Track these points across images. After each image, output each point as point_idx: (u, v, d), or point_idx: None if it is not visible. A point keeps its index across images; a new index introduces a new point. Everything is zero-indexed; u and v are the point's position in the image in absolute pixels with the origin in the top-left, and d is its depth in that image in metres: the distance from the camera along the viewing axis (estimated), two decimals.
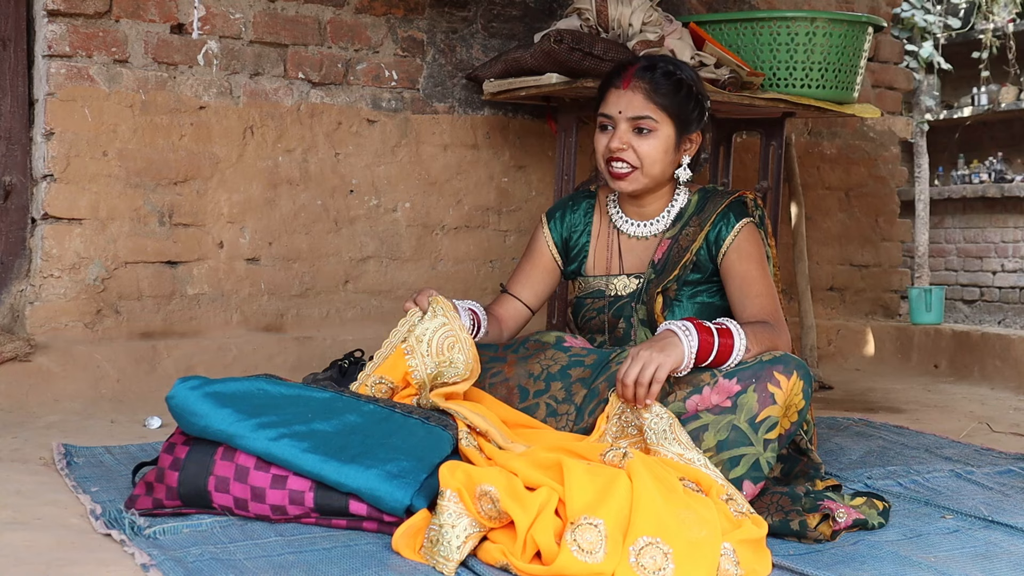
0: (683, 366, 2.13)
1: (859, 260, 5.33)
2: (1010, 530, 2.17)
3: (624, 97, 2.40)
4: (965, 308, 8.89)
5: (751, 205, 2.50)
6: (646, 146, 2.39)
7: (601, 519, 1.77)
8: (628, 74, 2.42)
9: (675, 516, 1.82)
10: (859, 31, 3.76)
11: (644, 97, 2.39)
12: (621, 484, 1.85)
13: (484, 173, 4.18)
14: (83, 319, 3.47)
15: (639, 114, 2.39)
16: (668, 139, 2.41)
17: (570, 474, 1.87)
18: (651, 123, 2.39)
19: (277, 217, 3.79)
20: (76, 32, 3.41)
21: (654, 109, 2.39)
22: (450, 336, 2.29)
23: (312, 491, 2.01)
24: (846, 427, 3.30)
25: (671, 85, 2.40)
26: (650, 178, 2.42)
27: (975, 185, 9.19)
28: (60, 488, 2.30)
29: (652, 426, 2.07)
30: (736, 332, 2.18)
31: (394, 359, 2.31)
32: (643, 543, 1.76)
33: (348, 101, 3.90)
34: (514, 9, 4.20)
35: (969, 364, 4.58)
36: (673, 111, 2.40)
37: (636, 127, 2.39)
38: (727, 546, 1.82)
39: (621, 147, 2.39)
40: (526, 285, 2.61)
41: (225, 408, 2.04)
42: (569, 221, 2.60)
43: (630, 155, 2.39)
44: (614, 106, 2.41)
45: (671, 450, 2.04)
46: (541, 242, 2.61)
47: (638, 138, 2.39)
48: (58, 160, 3.41)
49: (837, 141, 5.23)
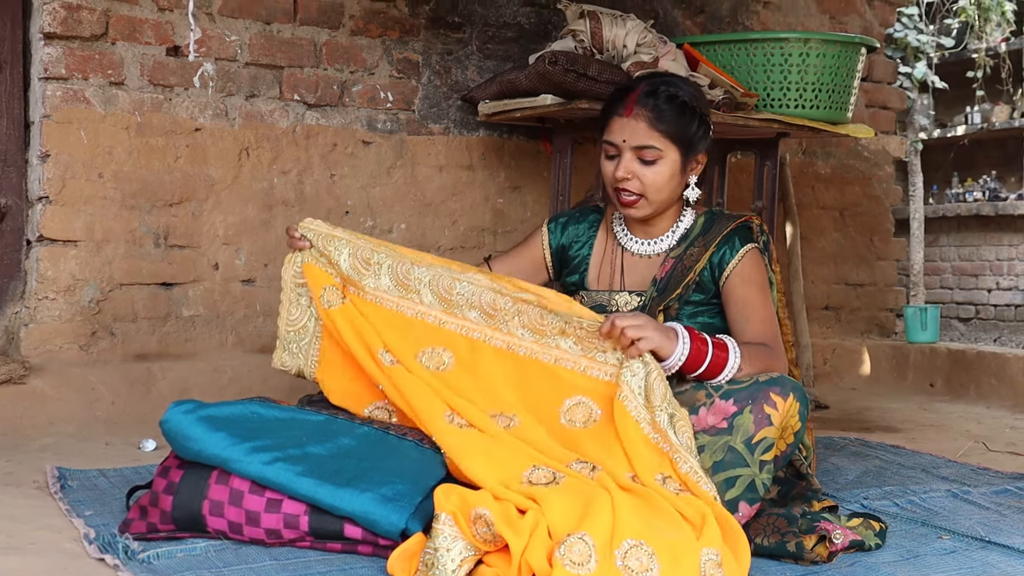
0: (670, 362, 2.14)
1: (854, 279, 5.34)
2: (1007, 551, 2.17)
3: (628, 126, 2.37)
4: (960, 326, 8.90)
5: (756, 231, 2.49)
6: (651, 174, 2.37)
7: (586, 531, 1.80)
8: (630, 101, 2.37)
9: (652, 521, 1.86)
10: (852, 52, 3.78)
11: (647, 125, 2.35)
12: (601, 498, 1.89)
13: (479, 194, 4.19)
14: (78, 341, 3.47)
15: (643, 143, 2.36)
16: (674, 164, 2.39)
17: (545, 503, 1.89)
18: (655, 152, 2.36)
19: (272, 239, 3.79)
20: (72, 55, 3.42)
21: (658, 137, 2.36)
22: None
23: (307, 515, 2.00)
24: (842, 447, 3.29)
25: (675, 110, 2.37)
26: (657, 203, 2.42)
27: (969, 203, 9.21)
28: (54, 512, 2.29)
29: (627, 380, 2.09)
30: (732, 348, 2.20)
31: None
32: (627, 546, 1.80)
33: (343, 123, 3.91)
34: (509, 31, 4.22)
35: (965, 383, 4.58)
36: (678, 136, 2.37)
37: (640, 157, 2.37)
38: (713, 552, 1.84)
39: (626, 176, 2.37)
40: (506, 265, 2.62)
41: (219, 432, 2.04)
42: (572, 231, 2.60)
43: (635, 184, 2.38)
44: (618, 134, 2.38)
45: (640, 415, 2.05)
46: (537, 240, 2.63)
47: (643, 167, 2.37)
48: (53, 182, 3.41)
49: (831, 161, 5.25)
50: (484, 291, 2.28)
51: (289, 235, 2.48)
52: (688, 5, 4.68)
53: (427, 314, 2.33)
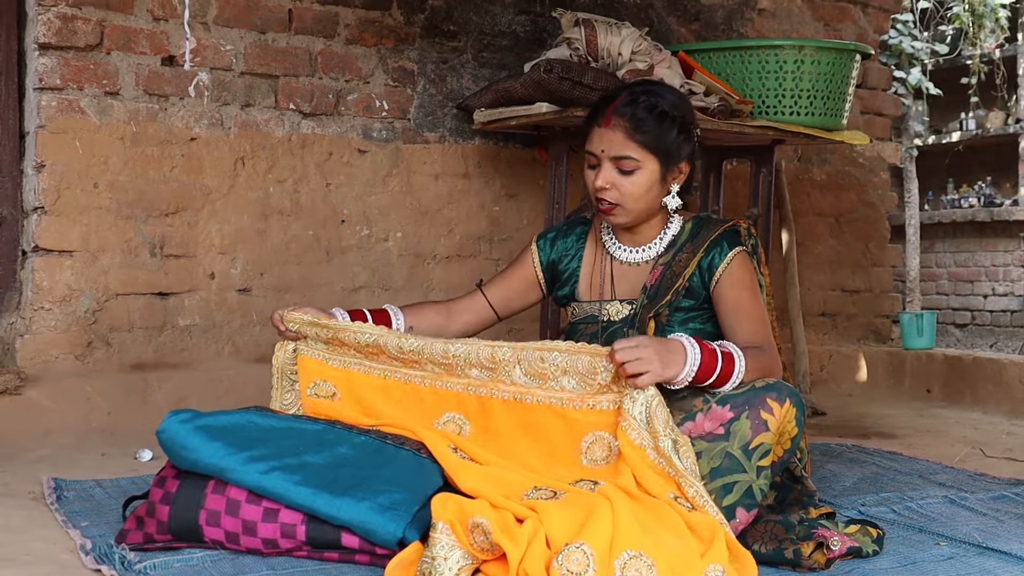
0: (680, 378, 2.09)
1: (850, 285, 5.34)
2: (1005, 556, 2.16)
3: (606, 136, 2.37)
4: (957, 332, 8.91)
5: (744, 234, 2.49)
6: (628, 184, 2.37)
7: (585, 540, 1.79)
8: (609, 111, 2.38)
9: (655, 530, 1.85)
10: (847, 59, 3.79)
11: (624, 136, 2.35)
12: (601, 508, 1.87)
13: (475, 202, 4.19)
14: (74, 351, 3.46)
15: (620, 154, 2.36)
16: (652, 174, 2.38)
17: (544, 512, 1.88)
18: (632, 163, 2.36)
19: (268, 248, 3.79)
20: (67, 65, 3.42)
21: (635, 148, 2.35)
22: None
23: (304, 524, 1.99)
24: (839, 453, 3.29)
25: (654, 120, 2.36)
26: (636, 212, 2.42)
27: (965, 209, 9.23)
28: (50, 523, 2.29)
29: (628, 408, 2.05)
30: (737, 359, 2.16)
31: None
32: (626, 557, 1.78)
33: (339, 131, 3.91)
34: (504, 39, 4.22)
35: (961, 389, 4.58)
36: (656, 146, 2.36)
37: (619, 167, 2.37)
38: (719, 569, 1.83)
39: (604, 186, 2.38)
40: (499, 289, 2.62)
41: (216, 441, 2.04)
42: (561, 246, 2.60)
43: (613, 194, 2.38)
44: (597, 144, 2.39)
45: (645, 442, 2.02)
46: (527, 258, 2.62)
47: (622, 176, 2.37)
48: (49, 192, 3.41)
49: (827, 167, 5.25)
50: (480, 347, 2.23)
51: (274, 325, 2.44)
52: (683, 13, 4.69)
53: (435, 379, 2.28)
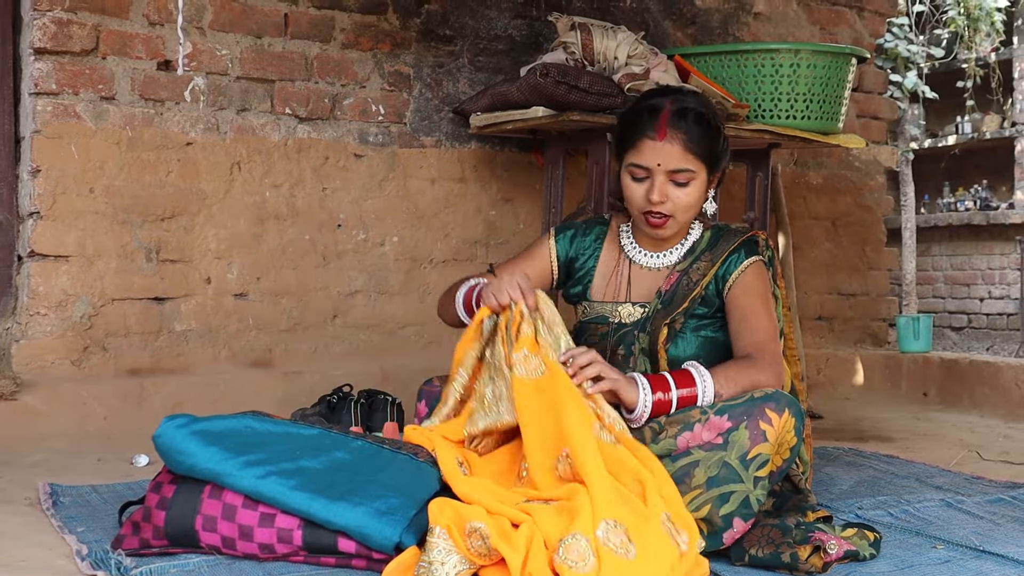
0: (636, 412, 2.17)
1: (847, 289, 5.35)
2: (1001, 560, 2.16)
3: (663, 150, 2.35)
4: (953, 335, 8.92)
5: (762, 245, 2.49)
6: (684, 196, 2.38)
7: (577, 530, 1.85)
8: (662, 123, 2.36)
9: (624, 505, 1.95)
10: (843, 62, 3.79)
11: (682, 148, 2.35)
12: (582, 497, 1.93)
13: (472, 206, 4.19)
14: (70, 356, 3.46)
15: (679, 167, 2.36)
16: (702, 184, 2.40)
17: (538, 515, 1.92)
18: (688, 175, 2.36)
19: (265, 252, 3.79)
20: (63, 69, 3.42)
21: (692, 160, 2.36)
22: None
23: (300, 529, 1.99)
24: (836, 457, 3.29)
25: (704, 130, 2.37)
26: (685, 222, 2.44)
27: (961, 213, 9.25)
28: (46, 529, 2.28)
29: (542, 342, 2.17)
30: (698, 379, 2.20)
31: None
32: (605, 527, 1.87)
33: (335, 136, 3.91)
34: (500, 43, 4.22)
35: (958, 392, 4.58)
36: (707, 156, 2.38)
37: (674, 180, 2.37)
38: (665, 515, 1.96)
39: (662, 200, 2.37)
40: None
41: (212, 446, 2.03)
42: (579, 244, 2.58)
43: (668, 206, 2.38)
44: (652, 158, 2.36)
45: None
46: (544, 249, 2.60)
47: (676, 188, 2.37)
48: (44, 197, 3.40)
49: (823, 171, 5.26)
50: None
51: (510, 296, 2.22)
52: (679, 16, 4.69)
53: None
